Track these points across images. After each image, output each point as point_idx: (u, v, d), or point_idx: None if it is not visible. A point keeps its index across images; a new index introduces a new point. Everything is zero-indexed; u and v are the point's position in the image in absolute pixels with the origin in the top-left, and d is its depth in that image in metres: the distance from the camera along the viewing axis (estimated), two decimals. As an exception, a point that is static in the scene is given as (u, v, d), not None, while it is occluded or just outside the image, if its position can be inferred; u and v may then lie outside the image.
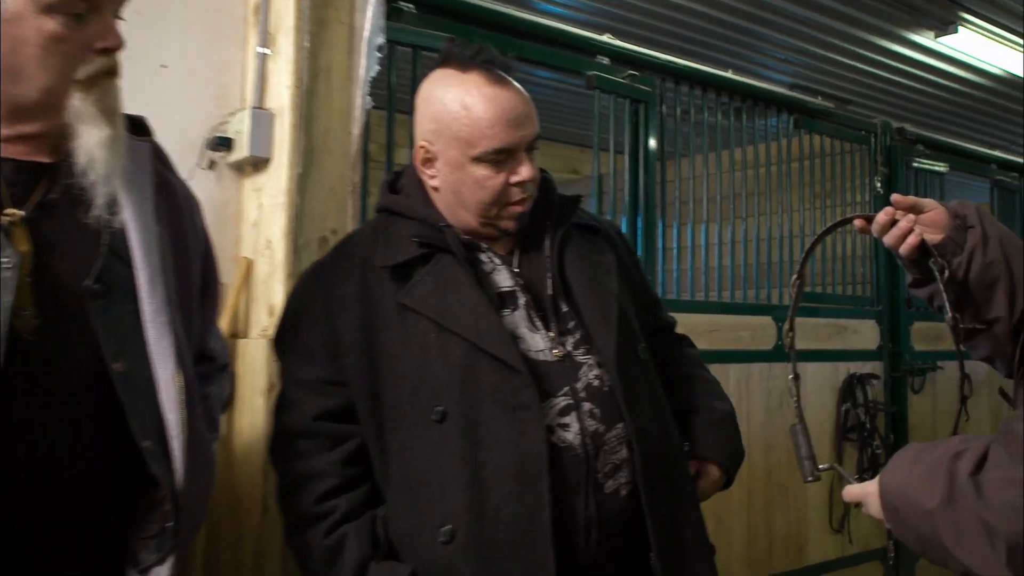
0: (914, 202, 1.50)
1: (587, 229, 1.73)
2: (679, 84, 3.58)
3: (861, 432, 4.08)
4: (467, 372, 1.49)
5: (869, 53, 5.89)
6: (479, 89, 1.55)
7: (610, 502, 1.52)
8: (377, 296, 1.57)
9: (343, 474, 1.56)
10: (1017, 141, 8.26)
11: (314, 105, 2.18)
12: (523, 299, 1.58)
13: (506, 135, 1.55)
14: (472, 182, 1.56)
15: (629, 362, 1.60)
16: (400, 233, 1.61)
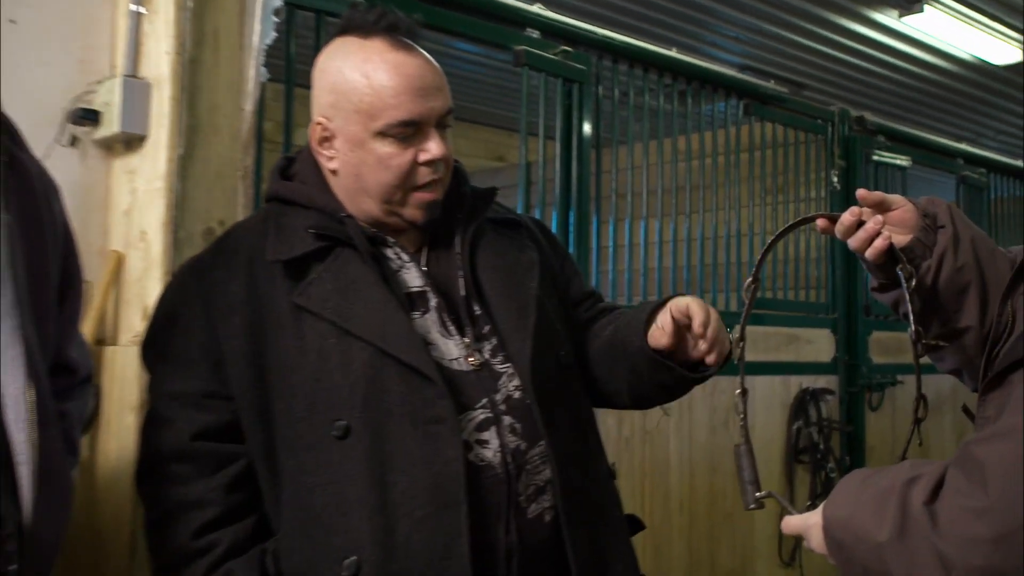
0: (882, 198, 1.52)
1: (505, 224, 1.73)
2: (618, 63, 3.62)
3: (814, 454, 4.18)
4: (372, 382, 1.48)
5: (827, 33, 6.04)
6: (382, 56, 1.54)
7: (533, 528, 1.52)
8: (267, 296, 1.54)
9: (227, 502, 1.54)
10: (986, 133, 8.57)
11: (199, 75, 2.14)
12: (434, 301, 1.58)
13: (413, 105, 1.53)
14: (375, 161, 1.55)
15: (548, 371, 1.60)
16: (294, 224, 1.58)
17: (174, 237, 2.08)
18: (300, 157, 1.69)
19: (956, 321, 1.53)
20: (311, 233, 1.56)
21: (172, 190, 2.08)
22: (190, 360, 1.56)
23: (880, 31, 6.07)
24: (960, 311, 1.52)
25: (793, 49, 6.32)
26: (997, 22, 5.95)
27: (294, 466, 1.51)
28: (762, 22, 5.85)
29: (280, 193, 1.65)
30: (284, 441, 1.52)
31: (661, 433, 3.54)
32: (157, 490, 1.56)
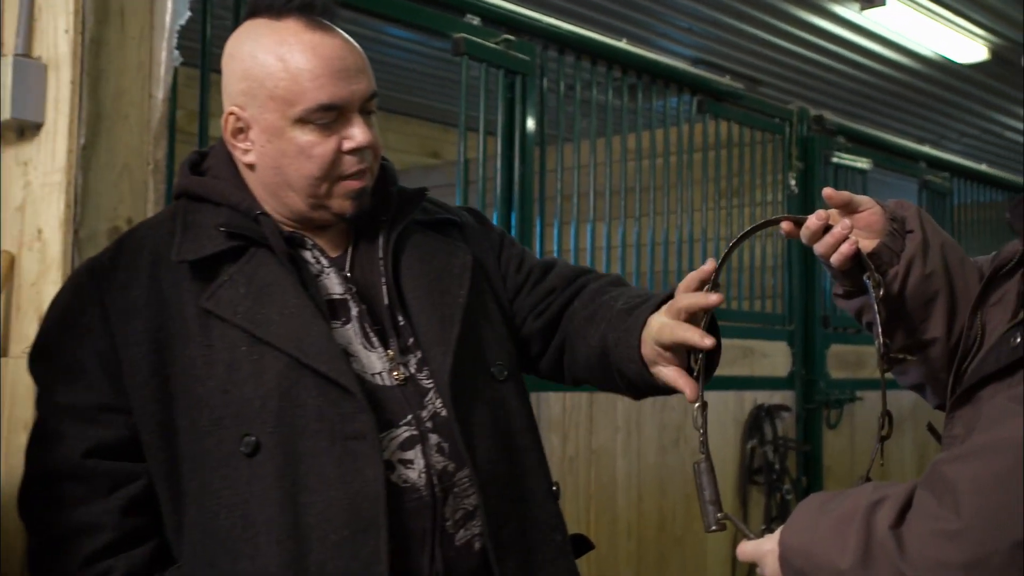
0: (849, 198, 1.53)
1: (436, 226, 1.71)
2: (564, 54, 3.62)
3: (769, 474, 4.22)
4: (286, 394, 1.46)
5: (784, 25, 6.13)
6: (297, 37, 1.52)
7: (462, 557, 1.50)
8: (172, 300, 1.51)
9: (122, 526, 1.50)
10: (949, 136, 8.77)
11: (102, 57, 2.10)
12: (356, 310, 1.56)
13: (334, 88, 1.51)
14: (295, 151, 1.52)
15: (474, 387, 1.58)
16: (204, 222, 1.56)
17: (75, 236, 2.03)
18: (213, 151, 1.66)
19: (922, 332, 1.54)
20: (222, 232, 1.54)
21: (72, 184, 2.04)
22: (84, 370, 1.52)
23: (840, 25, 6.18)
24: (927, 321, 1.53)
25: (749, 42, 6.41)
26: (962, 18, 6.09)
27: (198, 486, 1.48)
28: (717, 13, 5.92)
29: (189, 189, 1.62)
30: (188, 459, 1.49)
31: (608, 453, 3.55)
32: (43, 514, 1.52)
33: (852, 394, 4.64)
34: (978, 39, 6.43)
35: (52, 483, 1.52)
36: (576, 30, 3.65)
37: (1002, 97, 7.79)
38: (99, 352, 1.52)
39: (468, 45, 3.18)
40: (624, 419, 3.63)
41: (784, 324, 4.48)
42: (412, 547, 1.47)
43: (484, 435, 1.57)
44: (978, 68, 7.02)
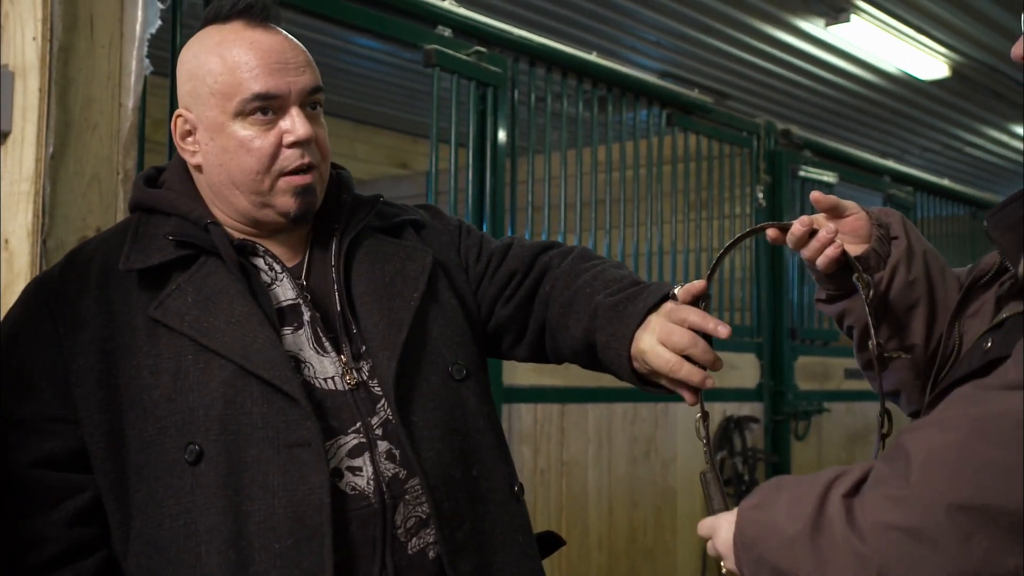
0: (836, 203, 1.54)
1: (391, 231, 1.69)
2: (534, 66, 3.62)
3: (738, 485, 4.22)
4: (231, 402, 1.45)
5: (751, 40, 6.17)
6: (236, 34, 1.55)
7: (414, 566, 1.48)
8: (120, 311, 1.51)
9: (69, 538, 1.48)
10: (911, 151, 8.86)
11: (71, 66, 2.08)
12: (308, 315, 1.55)
13: (269, 79, 1.51)
14: (236, 146, 1.52)
15: (427, 389, 1.56)
16: (154, 232, 1.55)
17: (42, 246, 2.02)
18: (169, 166, 1.67)
19: (903, 338, 1.55)
20: (171, 241, 1.53)
21: (40, 193, 2.03)
22: (32, 381, 1.51)
23: (806, 40, 6.23)
24: (908, 328, 1.54)
25: (716, 56, 6.44)
26: (924, 35, 6.15)
27: (144, 496, 1.47)
28: (684, 26, 5.95)
29: (142, 202, 1.61)
30: (134, 470, 1.48)
31: (579, 464, 3.53)
32: None
33: (820, 405, 4.66)
34: (940, 56, 6.51)
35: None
36: (547, 43, 3.65)
37: (963, 113, 7.89)
38: (47, 364, 1.51)
39: (439, 57, 3.17)
40: (595, 431, 3.62)
41: (752, 336, 4.50)
42: (360, 556, 1.45)
43: (435, 438, 1.54)
44: (940, 85, 7.11)
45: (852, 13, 5.82)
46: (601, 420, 3.64)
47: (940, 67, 6.67)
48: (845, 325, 1.60)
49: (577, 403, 3.55)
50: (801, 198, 4.75)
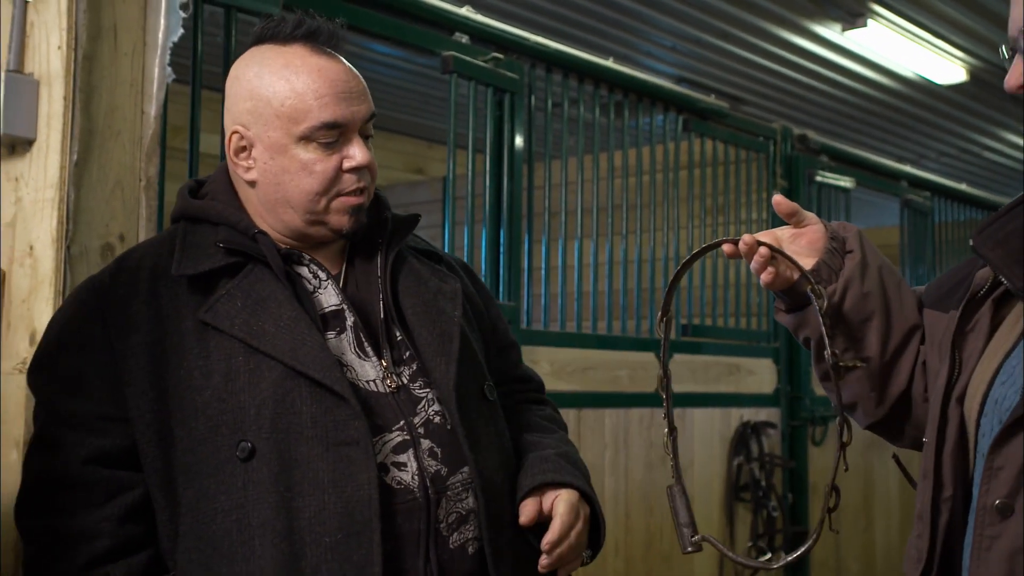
0: (795, 210, 1.58)
1: (427, 254, 1.80)
2: (551, 72, 3.63)
3: (755, 491, 4.22)
4: (281, 402, 1.50)
5: (767, 45, 6.17)
6: (303, 60, 1.60)
7: (456, 561, 1.54)
8: (170, 315, 1.56)
9: (120, 534, 1.51)
10: (928, 155, 8.83)
11: (95, 74, 2.09)
12: (351, 320, 1.61)
13: (337, 108, 1.59)
14: (298, 167, 1.59)
15: (472, 400, 1.64)
16: (203, 241, 1.61)
17: (66, 253, 2.02)
18: (211, 179, 1.73)
19: (858, 351, 1.57)
20: (220, 248, 1.59)
21: (64, 200, 2.03)
22: (84, 381, 1.54)
23: (823, 45, 6.22)
24: (862, 340, 1.57)
25: (732, 61, 6.44)
26: (941, 40, 6.14)
27: (194, 494, 1.51)
28: (700, 32, 5.95)
29: (188, 211, 1.67)
30: (183, 468, 1.52)
31: (595, 470, 3.54)
32: (40, 521, 1.53)
33: (829, 411, 4.65)
34: (957, 61, 6.50)
35: (50, 491, 1.53)
36: (563, 49, 3.66)
37: (981, 118, 7.86)
38: (99, 364, 1.54)
39: (457, 63, 3.19)
40: (612, 436, 3.63)
41: (769, 341, 4.50)
42: (406, 549, 1.51)
43: (484, 443, 1.62)
44: (957, 89, 7.09)
45: (869, 18, 5.81)
46: (618, 425, 3.64)
47: (957, 71, 6.65)
48: (801, 336, 1.63)
49: (593, 408, 3.56)
50: (818, 203, 4.74)
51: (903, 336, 1.58)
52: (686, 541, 1.55)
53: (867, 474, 4.86)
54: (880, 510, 4.98)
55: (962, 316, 1.46)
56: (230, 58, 2.64)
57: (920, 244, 5.51)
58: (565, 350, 3.49)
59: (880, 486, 4.96)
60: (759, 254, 1.53)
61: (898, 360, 1.58)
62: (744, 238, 1.54)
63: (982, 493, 1.33)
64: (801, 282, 1.53)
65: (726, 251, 1.57)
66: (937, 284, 1.60)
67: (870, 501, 4.92)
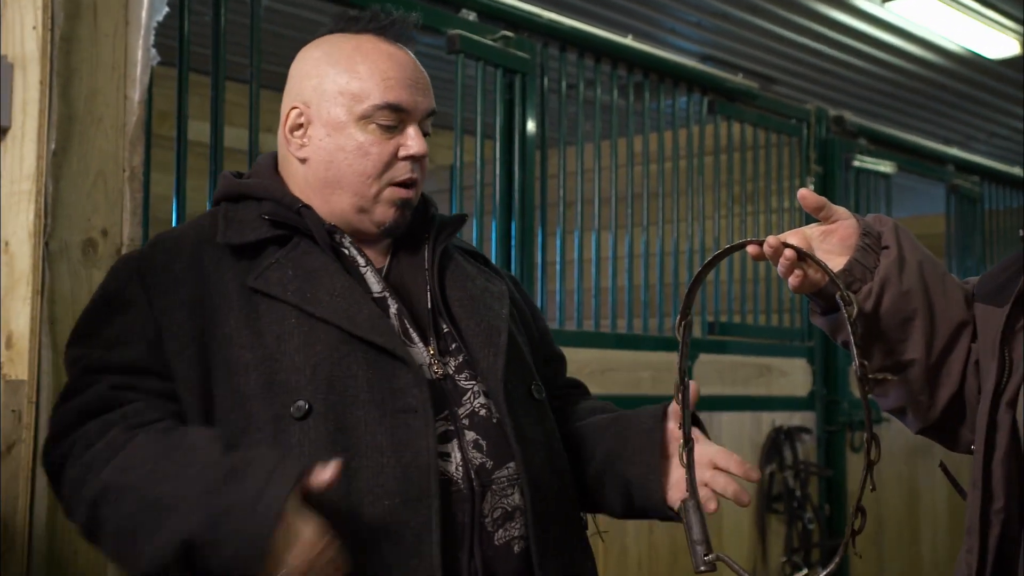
0: (823, 204, 1.58)
1: (473, 255, 1.90)
2: (566, 51, 3.64)
3: (789, 502, 4.22)
4: (338, 364, 1.58)
5: (800, 19, 6.16)
6: (374, 44, 1.73)
7: (500, 557, 1.59)
8: (213, 277, 1.64)
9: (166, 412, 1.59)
10: (978, 136, 8.80)
11: (74, 56, 2.11)
12: (395, 307, 1.68)
13: (402, 92, 1.70)
14: (354, 147, 1.69)
15: (519, 395, 1.71)
16: (247, 216, 1.71)
17: (45, 249, 2.04)
18: (254, 165, 1.85)
19: (900, 353, 1.57)
20: (266, 220, 1.69)
21: (42, 192, 2.05)
22: (122, 337, 1.61)
23: (860, 19, 6.20)
24: (905, 342, 1.56)
25: (762, 38, 6.43)
26: (992, 10, 6.11)
27: (241, 449, 1.56)
28: (727, 6, 5.95)
29: (230, 191, 1.77)
30: (227, 425, 1.58)
31: (615, 479, 3.54)
32: (70, 451, 1.56)
33: (878, 415, 4.64)
34: (1009, 32, 6.46)
35: (79, 422, 1.58)
36: (578, 26, 3.67)
37: (1035, 95, 7.83)
38: (137, 321, 1.62)
39: (464, 42, 3.20)
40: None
41: (803, 340, 4.49)
42: (454, 541, 1.56)
43: (530, 439, 1.68)
44: (1009, 64, 7.05)
45: (910, -12, 5.80)
46: (640, 431, 3.64)
47: (1010, 44, 6.62)
48: (839, 340, 1.63)
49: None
50: (856, 190, 4.74)
51: (950, 334, 1.57)
52: (699, 560, 1.57)
53: (912, 483, 4.86)
54: (927, 523, 4.97)
55: (1011, 313, 1.46)
56: (219, 38, 2.66)
57: (968, 234, 5.49)
58: (582, 350, 3.49)
59: (926, 496, 4.95)
60: (784, 256, 1.53)
61: (947, 360, 1.58)
62: (769, 240, 1.54)
63: None
64: (831, 285, 1.53)
65: (751, 253, 1.57)
66: (990, 276, 1.58)
67: (915, 513, 4.91)
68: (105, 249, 2.11)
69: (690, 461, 1.63)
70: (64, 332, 2.04)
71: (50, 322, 2.03)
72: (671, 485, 1.70)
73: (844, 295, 1.50)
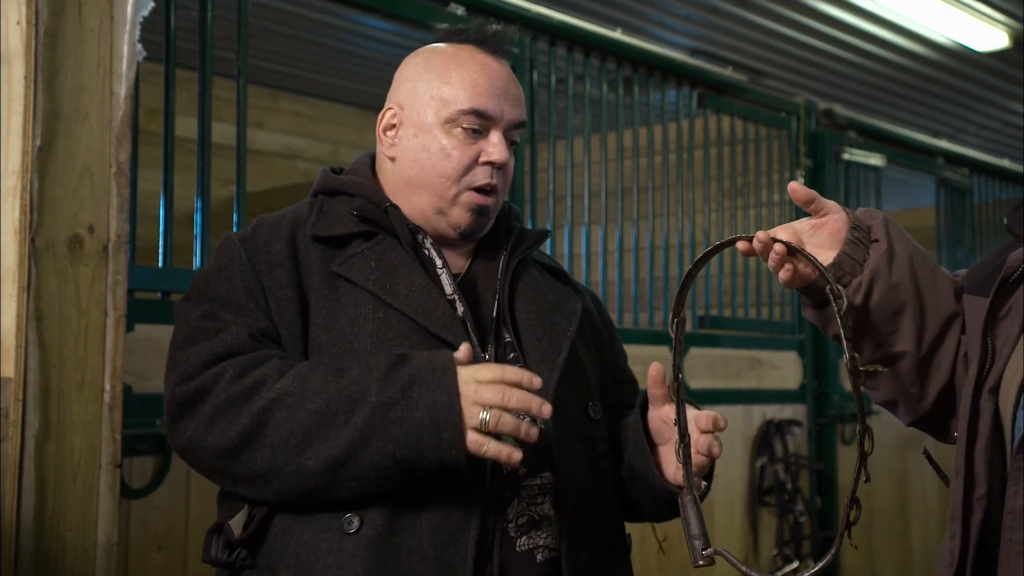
0: (813, 197, 1.58)
1: (553, 271, 1.94)
2: (554, 45, 3.64)
3: (780, 494, 4.23)
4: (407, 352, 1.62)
5: (789, 12, 6.15)
6: (471, 54, 1.79)
7: (520, 564, 1.63)
8: (305, 260, 1.73)
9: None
10: (967, 129, 8.81)
11: (59, 52, 2.10)
12: (461, 309, 1.73)
13: (489, 100, 1.75)
14: (438, 149, 1.76)
15: (571, 412, 1.74)
16: (338, 210, 1.79)
17: (31, 246, 2.04)
18: (354, 163, 1.91)
19: (891, 345, 1.58)
20: (355, 216, 1.76)
21: (27, 189, 2.05)
22: (237, 302, 1.68)
23: (850, 12, 6.20)
24: (895, 334, 1.57)
25: (751, 31, 6.43)
26: (981, 3, 6.12)
27: None
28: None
29: (327, 186, 1.84)
30: None
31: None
32: (216, 381, 1.60)
33: (868, 406, 4.65)
34: (998, 25, 6.47)
35: (219, 356, 1.63)
36: (567, 20, 3.67)
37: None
38: (249, 289, 1.69)
39: (451, 36, 3.19)
40: (624, 437, 3.63)
41: (794, 333, 4.50)
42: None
43: (575, 454, 1.72)
44: (998, 56, 7.06)
45: (900, -20, 5.80)
46: (631, 425, 3.65)
47: (999, 36, 6.63)
48: (830, 334, 1.64)
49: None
50: (846, 183, 4.74)
51: (941, 326, 1.58)
52: (697, 555, 1.58)
53: (902, 475, 4.87)
54: (917, 513, 4.99)
55: (994, 301, 1.46)
56: (206, 34, 2.65)
57: (958, 226, 5.51)
58: (572, 345, 3.50)
59: (916, 487, 4.97)
60: (775, 251, 1.54)
61: (937, 352, 1.58)
62: (759, 235, 1.55)
63: (1010, 495, 1.34)
64: (821, 279, 1.54)
65: (741, 249, 1.58)
66: (978, 267, 1.59)
67: (905, 504, 4.92)
68: (91, 246, 2.11)
69: (686, 456, 1.63)
70: (51, 329, 2.05)
71: (36, 319, 2.02)
72: (666, 462, 1.74)
73: (833, 288, 1.50)
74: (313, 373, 1.58)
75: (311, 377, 1.58)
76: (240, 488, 1.60)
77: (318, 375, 1.58)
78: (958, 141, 7.66)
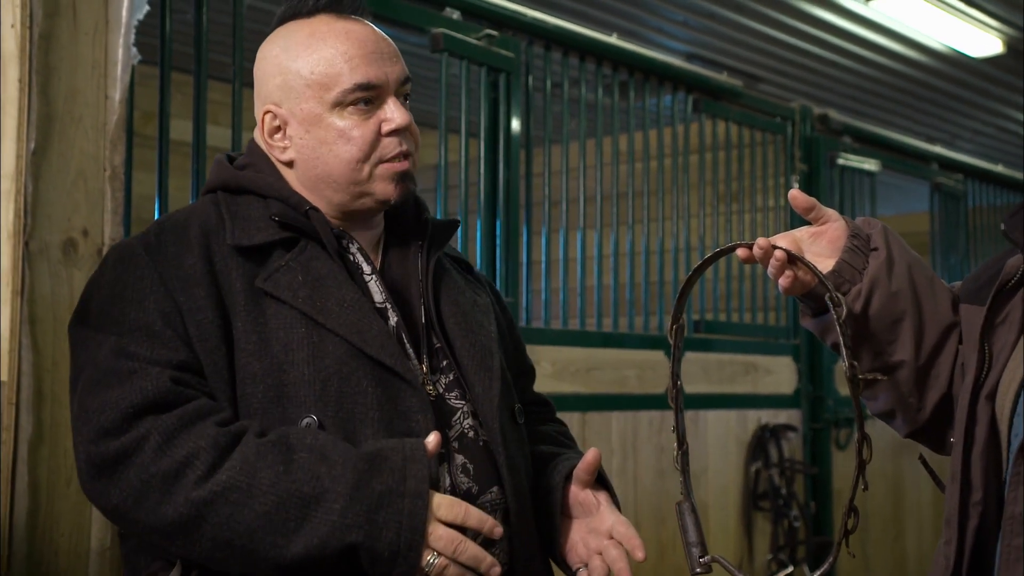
0: (813, 205, 1.58)
1: (460, 264, 1.86)
2: (550, 49, 3.63)
3: (775, 499, 4.22)
4: (347, 380, 1.55)
5: (785, 18, 6.17)
6: (328, 26, 1.66)
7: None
8: (223, 274, 1.59)
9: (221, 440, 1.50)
10: (961, 135, 8.83)
11: (53, 55, 2.10)
12: (393, 320, 1.66)
13: (368, 68, 1.63)
14: (335, 136, 1.64)
15: (507, 420, 1.69)
16: (252, 214, 1.65)
17: (25, 249, 2.03)
18: (247, 151, 1.76)
19: (889, 354, 1.58)
20: (275, 221, 1.64)
21: (21, 192, 2.04)
22: (151, 329, 1.53)
23: (845, 17, 6.21)
24: (894, 343, 1.57)
25: (747, 36, 6.44)
26: (975, 8, 6.13)
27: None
28: (712, 5, 5.95)
29: (230, 182, 1.70)
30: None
31: (601, 478, 3.54)
32: (142, 444, 1.47)
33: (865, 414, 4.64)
34: (992, 31, 6.48)
35: (141, 409, 1.48)
36: (563, 24, 3.67)
37: (1018, 93, 7.85)
38: (164, 313, 1.54)
39: (448, 41, 3.19)
40: (619, 441, 3.63)
41: (789, 337, 4.50)
42: None
43: (517, 465, 1.68)
44: (992, 62, 7.07)
45: (894, -13, 5.81)
46: (626, 429, 3.65)
47: (992, 42, 6.64)
48: (829, 342, 1.64)
49: (599, 411, 3.56)
50: (840, 188, 4.74)
51: (939, 336, 1.58)
52: (694, 562, 1.58)
53: (897, 480, 4.87)
54: (911, 519, 4.99)
55: (991, 307, 1.46)
56: (201, 37, 2.64)
57: (952, 232, 5.51)
58: (568, 349, 3.49)
59: (911, 493, 4.96)
60: (775, 258, 1.54)
61: (936, 361, 1.58)
62: (759, 241, 1.55)
63: (1010, 500, 1.34)
64: (820, 287, 1.54)
65: (740, 256, 1.58)
66: (973, 276, 1.59)
67: (900, 510, 4.92)
68: (86, 249, 2.10)
69: (684, 465, 1.63)
70: (45, 332, 2.04)
71: (30, 323, 2.01)
72: (569, 547, 1.70)
73: (833, 296, 1.50)
74: (261, 459, 1.45)
75: (259, 466, 1.45)
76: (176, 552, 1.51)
77: (266, 463, 1.45)
78: (952, 146, 7.67)
